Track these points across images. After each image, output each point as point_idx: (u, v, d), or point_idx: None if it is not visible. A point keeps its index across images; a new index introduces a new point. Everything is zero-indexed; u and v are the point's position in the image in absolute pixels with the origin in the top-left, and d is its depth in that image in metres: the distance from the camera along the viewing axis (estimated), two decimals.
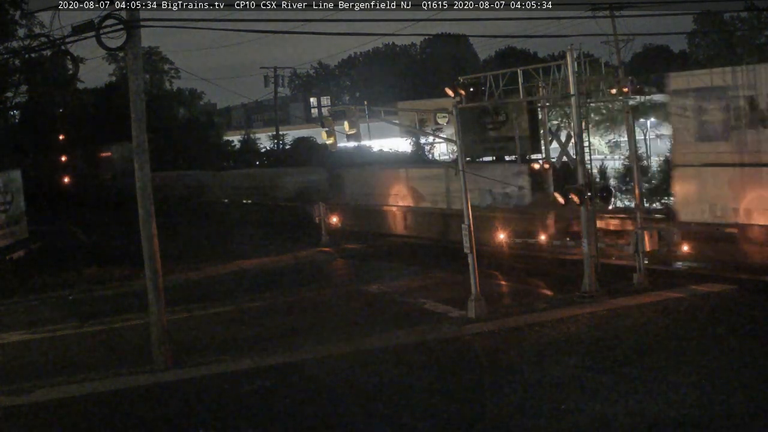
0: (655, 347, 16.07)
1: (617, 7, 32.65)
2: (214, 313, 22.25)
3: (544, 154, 31.17)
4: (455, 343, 17.57)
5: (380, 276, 26.03)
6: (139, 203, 17.00)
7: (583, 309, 19.53)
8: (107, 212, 48.81)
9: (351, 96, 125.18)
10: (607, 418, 12.48)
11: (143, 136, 16.95)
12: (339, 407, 13.87)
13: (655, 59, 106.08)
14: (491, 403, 13.54)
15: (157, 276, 17.04)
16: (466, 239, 19.64)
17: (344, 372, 15.92)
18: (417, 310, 20.96)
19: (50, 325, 21.66)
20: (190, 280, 27.35)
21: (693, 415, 12.39)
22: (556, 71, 25.23)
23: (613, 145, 66.05)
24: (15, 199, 34.47)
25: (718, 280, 21.52)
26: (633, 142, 24.78)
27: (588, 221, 21.45)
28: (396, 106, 64.85)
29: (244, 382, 15.54)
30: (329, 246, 33.08)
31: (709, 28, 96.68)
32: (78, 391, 15.57)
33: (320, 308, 22.16)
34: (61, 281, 27.30)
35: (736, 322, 17.56)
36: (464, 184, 20.06)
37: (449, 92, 21.88)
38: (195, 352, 17.95)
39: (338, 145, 21.77)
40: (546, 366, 15.28)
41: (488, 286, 21.83)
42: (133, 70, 16.88)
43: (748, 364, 14.65)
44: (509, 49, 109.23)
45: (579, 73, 22.07)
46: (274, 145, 65.63)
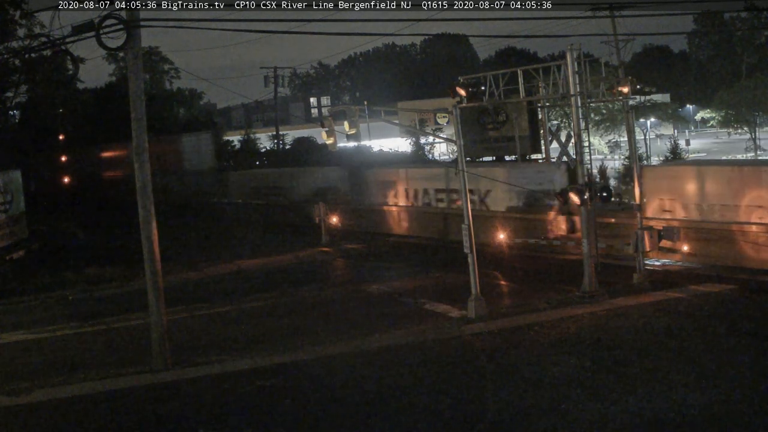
0: (655, 347, 16.07)
1: (617, 7, 32.65)
2: (214, 313, 22.25)
3: (544, 154, 31.21)
4: (455, 343, 17.57)
5: (380, 276, 26.03)
6: (139, 203, 16.99)
7: (583, 309, 19.53)
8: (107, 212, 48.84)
9: (351, 96, 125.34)
10: (607, 418, 12.48)
11: (143, 136, 16.95)
12: (339, 407, 13.87)
13: (655, 59, 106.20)
14: (491, 403, 13.55)
15: (157, 276, 17.04)
16: (466, 239, 19.64)
17: (344, 372, 15.92)
18: (417, 310, 20.96)
19: (50, 325, 21.66)
20: (190, 280, 27.36)
21: (693, 415, 12.40)
22: (556, 71, 25.24)
23: (613, 145, 66.21)
24: (15, 199, 34.49)
25: (718, 280, 21.54)
26: (633, 142, 24.76)
27: (588, 221, 21.45)
28: (396, 106, 65.04)
29: (244, 382, 15.54)
30: (329, 246, 33.09)
31: (709, 28, 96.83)
32: (78, 391, 15.57)
33: (320, 308, 22.16)
34: (61, 281, 27.33)
35: (736, 322, 17.57)
36: (464, 184, 20.05)
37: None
38: (195, 352, 17.95)
39: (338, 145, 21.78)
40: (546, 366, 15.28)
41: (488, 286, 21.84)
42: (133, 70, 16.88)
43: (748, 364, 14.66)
44: (509, 49, 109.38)
45: (579, 73, 22.06)
46: (274, 145, 65.63)
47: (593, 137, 58.99)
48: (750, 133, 72.53)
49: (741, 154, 71.98)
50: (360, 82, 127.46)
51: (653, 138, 69.63)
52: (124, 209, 30.67)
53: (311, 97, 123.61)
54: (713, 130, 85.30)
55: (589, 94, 24.10)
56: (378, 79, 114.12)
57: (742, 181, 23.48)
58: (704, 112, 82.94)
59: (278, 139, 65.60)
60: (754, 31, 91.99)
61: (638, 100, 60.07)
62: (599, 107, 59.57)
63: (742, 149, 73.15)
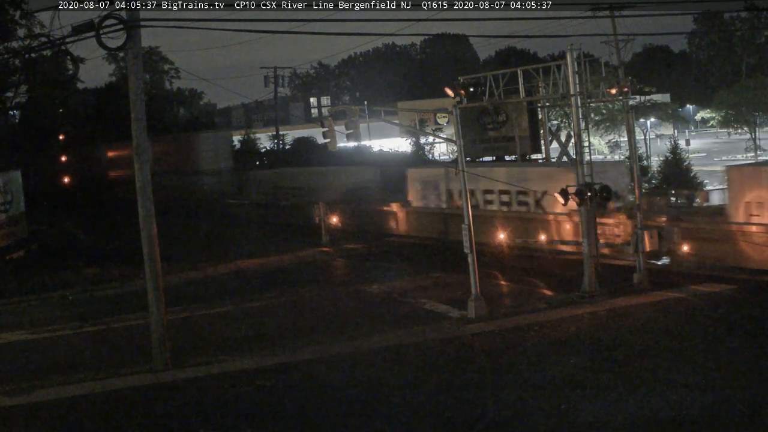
0: (655, 347, 16.07)
1: (617, 7, 32.64)
2: (214, 313, 22.25)
3: (544, 154, 31.15)
4: (455, 343, 17.57)
5: (380, 276, 26.02)
6: (139, 203, 16.99)
7: (583, 309, 19.53)
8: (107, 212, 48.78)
9: (351, 96, 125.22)
10: (607, 418, 12.48)
11: (143, 136, 16.95)
12: (339, 407, 13.87)
13: (655, 59, 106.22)
14: (491, 403, 13.55)
15: (157, 276, 17.04)
16: (466, 239, 19.63)
17: (344, 372, 15.92)
18: (417, 310, 20.96)
19: (50, 325, 21.65)
20: (190, 280, 27.35)
21: (693, 415, 12.40)
22: (556, 71, 25.20)
23: (613, 145, 66.20)
24: (15, 199, 34.48)
25: (717, 280, 21.53)
26: (633, 142, 24.74)
27: (588, 221, 21.44)
28: (396, 106, 64.89)
29: (244, 382, 15.55)
30: (329, 246, 33.06)
31: (709, 28, 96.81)
32: (78, 391, 15.57)
33: (320, 308, 22.15)
34: (61, 281, 27.30)
35: (736, 322, 17.57)
36: (464, 184, 20.05)
37: (449, 92, 21.83)
38: (195, 352, 17.95)
39: (338, 145, 21.77)
40: (546, 366, 15.28)
41: (488, 286, 21.83)
42: (133, 70, 16.88)
43: (748, 364, 14.66)
44: (509, 49, 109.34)
45: (579, 73, 22.05)
46: (274, 145, 65.63)
47: (593, 137, 58.95)
48: (750, 133, 72.55)
49: (741, 154, 71.96)
50: (360, 82, 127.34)
51: (653, 138, 69.61)
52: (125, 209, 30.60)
53: (311, 97, 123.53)
54: (713, 130, 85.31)
55: (589, 94, 24.08)
56: (378, 79, 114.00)
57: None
58: (704, 112, 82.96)
59: (278, 139, 65.59)
60: (754, 31, 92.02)
61: (638, 100, 60.01)
62: (599, 107, 59.52)
63: (742, 149, 73.15)
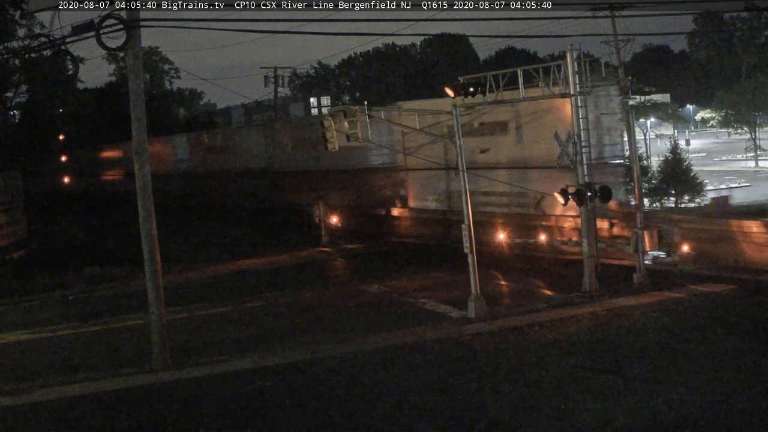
0: (655, 347, 16.07)
1: (617, 7, 32.69)
2: (214, 313, 22.25)
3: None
4: (455, 343, 17.57)
5: (380, 276, 26.01)
6: (139, 203, 16.99)
7: (583, 309, 19.53)
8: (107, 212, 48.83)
9: (351, 96, 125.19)
10: (607, 418, 12.48)
11: (143, 136, 16.95)
12: (339, 407, 13.87)
13: (655, 59, 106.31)
14: (491, 403, 13.55)
15: (157, 276, 17.04)
16: (466, 239, 19.63)
17: (344, 372, 15.91)
18: (417, 310, 20.95)
19: (50, 325, 21.66)
20: (190, 280, 27.35)
21: (693, 415, 12.39)
22: (556, 71, 25.19)
23: None
24: (15, 199, 34.50)
25: (718, 280, 21.53)
26: (633, 142, 24.74)
27: (588, 221, 21.44)
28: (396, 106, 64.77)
29: (244, 382, 15.54)
30: (329, 246, 33.05)
31: (709, 28, 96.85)
32: (78, 391, 15.57)
33: (320, 308, 22.15)
34: (61, 281, 27.31)
35: (736, 322, 17.57)
36: (464, 184, 20.05)
37: (449, 92, 21.82)
38: (195, 352, 17.95)
39: (338, 145, 21.76)
40: (546, 366, 15.28)
41: (488, 286, 21.83)
42: (133, 70, 16.88)
43: (748, 364, 14.65)
44: (509, 49, 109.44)
45: (579, 73, 22.04)
46: None
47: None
48: (750, 133, 72.60)
49: (741, 154, 71.96)
50: (360, 82, 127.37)
51: (653, 138, 69.66)
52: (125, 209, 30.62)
53: (311, 97, 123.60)
54: (713, 130, 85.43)
55: (589, 94, 24.04)
56: (378, 79, 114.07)
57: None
58: (704, 112, 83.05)
59: None
60: (754, 31, 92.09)
61: (638, 100, 60.06)
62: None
63: (742, 149, 73.16)
